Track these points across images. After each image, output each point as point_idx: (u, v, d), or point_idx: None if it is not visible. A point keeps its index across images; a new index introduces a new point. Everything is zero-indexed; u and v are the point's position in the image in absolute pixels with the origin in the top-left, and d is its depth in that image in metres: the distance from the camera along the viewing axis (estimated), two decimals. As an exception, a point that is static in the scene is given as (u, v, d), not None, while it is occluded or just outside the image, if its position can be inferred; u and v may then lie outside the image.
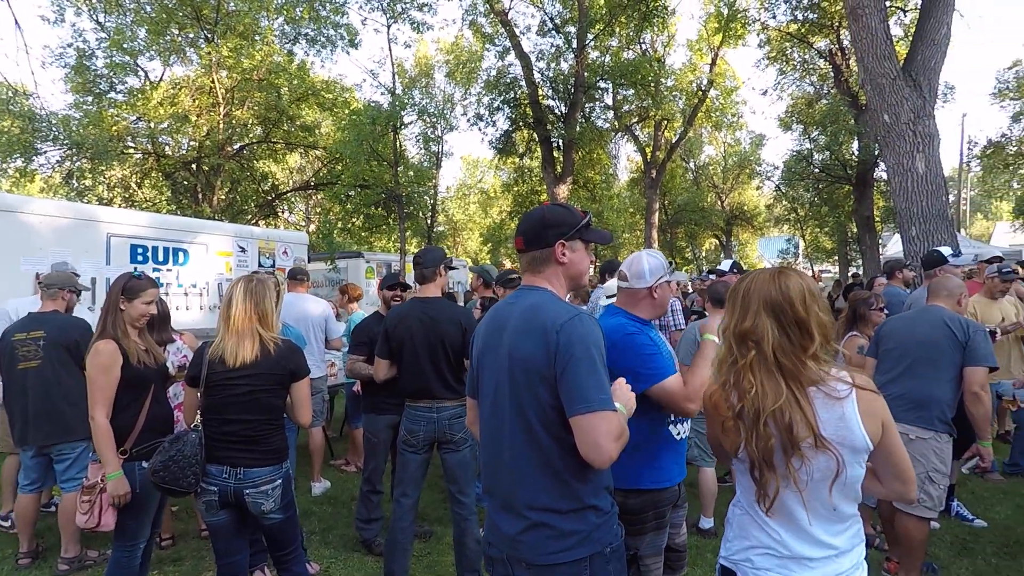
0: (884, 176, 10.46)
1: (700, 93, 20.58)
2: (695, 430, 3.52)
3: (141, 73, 15.27)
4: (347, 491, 4.85)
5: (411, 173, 15.16)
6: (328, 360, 5.28)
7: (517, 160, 19.93)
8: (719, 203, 28.76)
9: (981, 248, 17.06)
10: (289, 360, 2.40)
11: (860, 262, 19.22)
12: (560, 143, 16.98)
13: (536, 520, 1.52)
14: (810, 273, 24.35)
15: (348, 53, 17.63)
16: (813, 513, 1.43)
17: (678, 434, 2.11)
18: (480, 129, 17.95)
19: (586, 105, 17.96)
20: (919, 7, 7.75)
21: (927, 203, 6.74)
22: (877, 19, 7.08)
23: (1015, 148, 20.58)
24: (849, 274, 21.70)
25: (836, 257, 27.94)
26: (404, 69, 22.78)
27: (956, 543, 3.70)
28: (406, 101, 14.43)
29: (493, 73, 17.95)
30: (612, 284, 4.20)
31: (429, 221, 18.80)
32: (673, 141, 21.75)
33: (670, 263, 2.28)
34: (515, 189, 20.92)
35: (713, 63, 20.35)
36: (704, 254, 32.39)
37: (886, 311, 4.13)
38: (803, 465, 1.38)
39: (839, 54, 16.42)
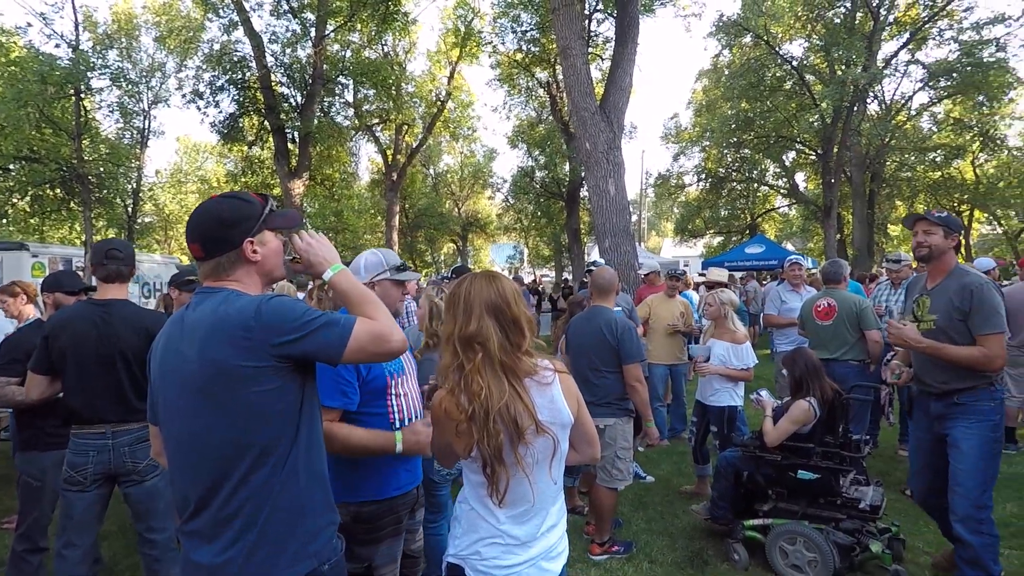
0: (587, 195, 12.44)
1: (439, 103, 21.48)
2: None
3: None
4: (-8, 553, 3.73)
5: (103, 149, 12.53)
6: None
7: (245, 148, 18.07)
8: (456, 210, 30.39)
9: (654, 258, 21.42)
10: None
11: (571, 267, 22.29)
12: (296, 135, 15.93)
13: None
14: (533, 277, 27.44)
15: (7, -13, 13.77)
16: (538, 495, 1.56)
17: None
18: (200, 108, 15.73)
19: (325, 99, 17.19)
20: (612, 58, 9.33)
21: (616, 220, 8.13)
22: (581, 60, 8.30)
23: (675, 181, 26.36)
24: (562, 279, 25.01)
25: (553, 263, 32.08)
26: (94, 22, 18.75)
27: (634, 499, 4.51)
28: (95, 60, 11.84)
29: (216, 47, 15.96)
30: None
31: (130, 210, 15.82)
32: (413, 146, 22.26)
33: (402, 265, 2.26)
34: (243, 180, 18.94)
35: (451, 76, 21.45)
36: (443, 258, 33.88)
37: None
38: (528, 451, 1.51)
39: (555, 86, 18.83)
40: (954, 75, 18.15)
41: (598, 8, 16.41)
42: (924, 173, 23.09)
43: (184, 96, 15.83)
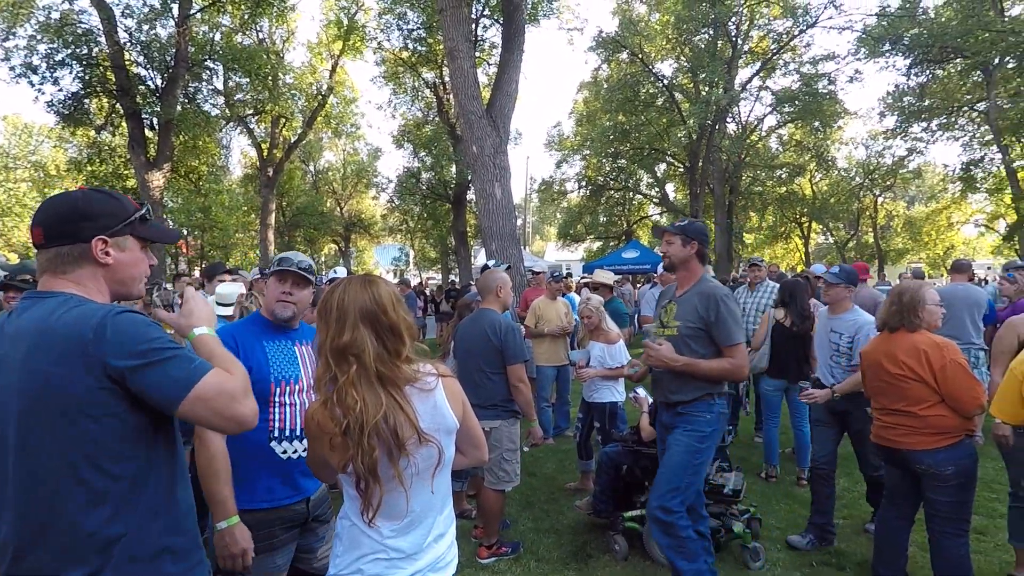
0: (474, 198, 12.50)
1: (320, 97, 20.55)
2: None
3: None
4: None
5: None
6: None
7: (92, 133, 16.06)
8: (338, 209, 29.23)
9: (538, 262, 22.02)
10: None
11: (457, 270, 22.28)
12: (155, 122, 14.43)
13: None
14: (419, 280, 27.11)
15: None
16: (422, 505, 1.50)
17: (284, 452, 1.97)
18: (33, 84, 13.72)
19: (190, 84, 15.75)
20: (498, 63, 9.47)
21: (502, 224, 8.25)
22: (469, 63, 8.34)
23: (558, 187, 27.32)
24: (448, 281, 24.92)
25: (440, 265, 31.88)
26: None
27: (521, 499, 4.58)
28: None
29: (55, 16, 14.02)
30: (226, 289, 3.73)
31: (-62, 198, 13.41)
32: (292, 141, 21.10)
33: (284, 259, 2.12)
34: (89, 168, 16.80)
35: (333, 70, 20.62)
36: (324, 259, 32.42)
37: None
38: (409, 462, 1.45)
39: (442, 87, 18.75)
40: (796, 102, 20.59)
41: (485, 13, 16.59)
42: (772, 188, 25.98)
43: (12, 69, 13.73)
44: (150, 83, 14.73)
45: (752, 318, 5.59)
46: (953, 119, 23.01)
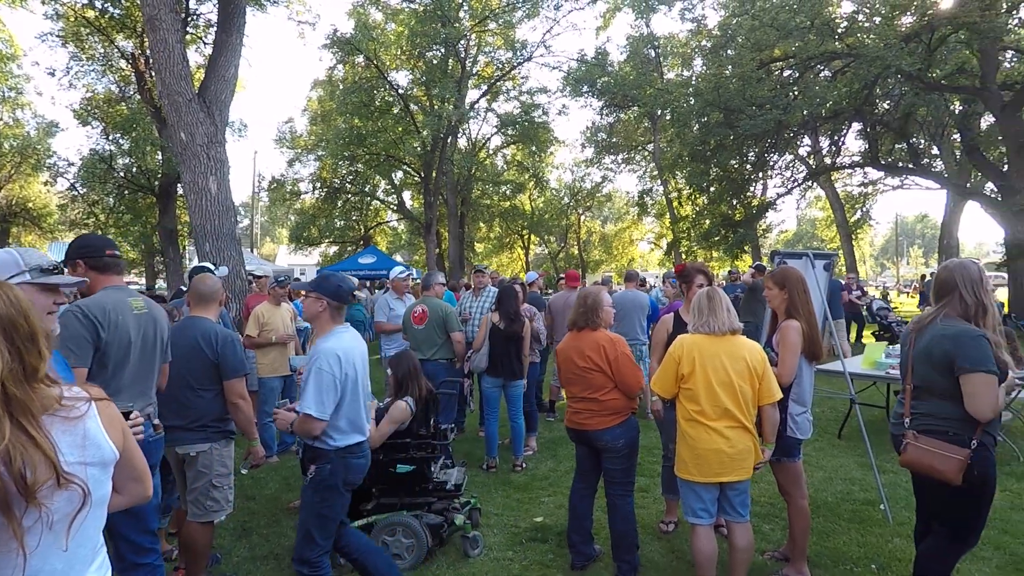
0: (184, 192, 10.85)
1: (-46, 45, 15.64)
2: None
3: None
4: None
5: None
6: None
7: None
8: (-12, 194, 22.64)
9: (266, 265, 20.29)
10: None
11: (165, 274, 19.18)
12: None
13: None
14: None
15: None
16: (59, 563, 1.20)
17: None
18: None
19: None
20: (214, 44, 8.43)
21: (219, 223, 7.37)
22: (174, 37, 7.25)
23: (290, 187, 25.63)
24: (146, 286, 21.34)
25: (144, 268, 27.06)
26: None
27: (237, 527, 4.12)
28: None
29: None
30: None
31: None
32: (-96, 98, 15.61)
33: (54, 266, 1.53)
34: None
35: (-23, 14, 15.89)
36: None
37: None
38: (39, 516, 1.14)
39: (143, 60, 15.95)
40: (516, 126, 23.05)
41: (198, -16, 14.70)
42: (498, 202, 28.64)
43: None
44: None
45: (476, 321, 6.03)
46: (632, 155, 28.58)
